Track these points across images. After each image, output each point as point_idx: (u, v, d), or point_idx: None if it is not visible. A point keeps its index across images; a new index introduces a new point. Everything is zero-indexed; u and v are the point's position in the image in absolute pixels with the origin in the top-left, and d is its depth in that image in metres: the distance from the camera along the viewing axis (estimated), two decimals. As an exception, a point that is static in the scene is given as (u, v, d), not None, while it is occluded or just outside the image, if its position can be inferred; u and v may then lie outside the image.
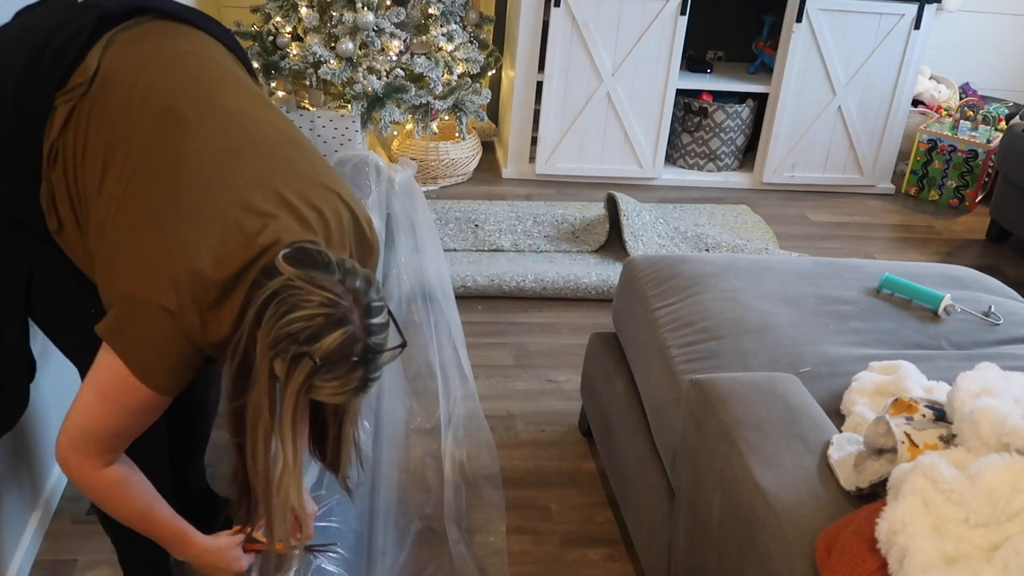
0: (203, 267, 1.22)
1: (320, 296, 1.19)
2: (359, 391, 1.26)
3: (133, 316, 1.23)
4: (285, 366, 1.20)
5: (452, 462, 2.16)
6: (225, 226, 1.25)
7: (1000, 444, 1.18)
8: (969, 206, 4.06)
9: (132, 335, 1.24)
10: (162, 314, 1.22)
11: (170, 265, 1.22)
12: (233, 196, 1.27)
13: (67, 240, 1.37)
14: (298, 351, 1.19)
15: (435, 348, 2.48)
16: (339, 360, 1.20)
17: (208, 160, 1.29)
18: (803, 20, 3.74)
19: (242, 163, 1.31)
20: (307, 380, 1.21)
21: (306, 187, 1.34)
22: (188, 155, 1.28)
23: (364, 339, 1.22)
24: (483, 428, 2.28)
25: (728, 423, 1.46)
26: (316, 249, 1.24)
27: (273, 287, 1.19)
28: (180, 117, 1.30)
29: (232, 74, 1.44)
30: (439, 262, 2.76)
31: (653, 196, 3.86)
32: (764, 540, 1.29)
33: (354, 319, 1.21)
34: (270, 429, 1.25)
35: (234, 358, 1.24)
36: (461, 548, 1.94)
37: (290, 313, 1.18)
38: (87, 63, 1.33)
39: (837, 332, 1.80)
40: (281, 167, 1.34)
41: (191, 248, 1.22)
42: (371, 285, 1.25)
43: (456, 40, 3.54)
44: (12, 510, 1.76)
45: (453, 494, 2.07)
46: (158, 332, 1.23)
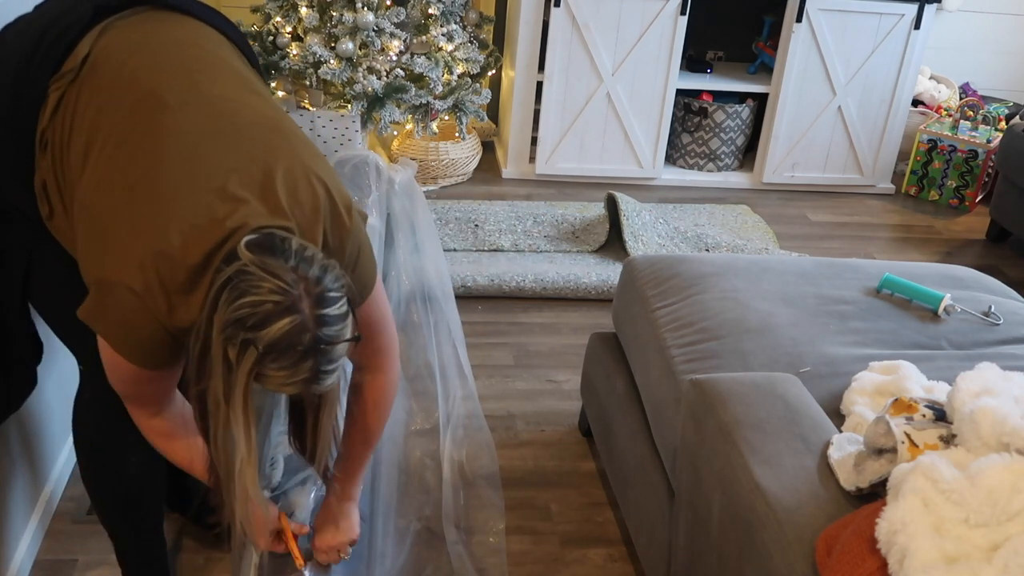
0: (171, 250, 1.22)
1: (270, 283, 1.18)
2: (311, 383, 1.24)
3: (106, 298, 1.24)
4: (236, 352, 1.20)
5: (451, 463, 2.16)
6: (196, 210, 1.25)
7: (1000, 444, 1.18)
8: (969, 206, 4.06)
9: (106, 316, 1.26)
10: (130, 296, 1.22)
11: (138, 248, 1.23)
12: (206, 181, 1.27)
13: (57, 226, 1.38)
14: (245, 337, 1.18)
15: (434, 348, 2.48)
16: (286, 349, 1.19)
17: (184, 144, 1.29)
18: (803, 20, 3.74)
19: (218, 147, 1.31)
20: (254, 367, 1.20)
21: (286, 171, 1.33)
22: (164, 138, 1.28)
23: (314, 329, 1.20)
24: (483, 428, 2.28)
25: (728, 423, 1.46)
26: (280, 236, 1.24)
27: (228, 272, 1.19)
28: (160, 100, 1.31)
29: (224, 62, 1.45)
30: (439, 262, 2.76)
31: (653, 196, 3.86)
32: (764, 540, 1.29)
33: (303, 308, 1.19)
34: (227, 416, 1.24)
35: (195, 342, 1.23)
36: (459, 549, 1.94)
37: (240, 298, 1.18)
38: (78, 50, 1.35)
39: (837, 332, 1.80)
40: (261, 151, 1.33)
41: (160, 231, 1.23)
42: (327, 273, 1.23)
43: (456, 40, 3.54)
44: (12, 510, 1.76)
45: (452, 495, 2.07)
46: (128, 313, 1.24)
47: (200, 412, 1.29)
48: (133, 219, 1.24)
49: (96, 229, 1.27)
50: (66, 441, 2.05)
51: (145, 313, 1.24)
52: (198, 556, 1.89)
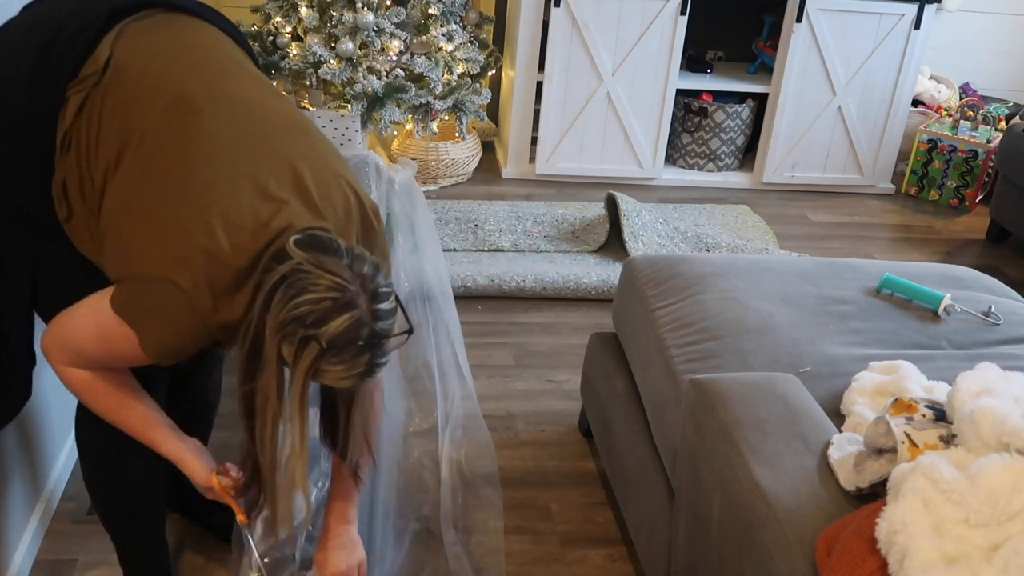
0: (219, 250, 1.24)
1: (328, 280, 1.21)
2: (365, 376, 1.27)
3: (147, 292, 1.26)
4: (293, 349, 1.22)
5: (449, 463, 2.16)
6: (240, 211, 1.27)
7: (1000, 444, 1.18)
8: (969, 206, 4.06)
9: (144, 309, 1.27)
10: (177, 292, 1.24)
11: (186, 246, 1.24)
12: (247, 182, 1.29)
13: (75, 227, 1.38)
14: (305, 334, 1.21)
15: (433, 349, 2.48)
16: (345, 344, 1.22)
17: (220, 146, 1.31)
18: (803, 20, 3.74)
19: (253, 150, 1.33)
20: (314, 364, 1.23)
21: (316, 174, 1.36)
22: (201, 141, 1.30)
23: (371, 324, 1.24)
24: (482, 428, 2.28)
25: (728, 423, 1.46)
26: (326, 235, 1.27)
27: (282, 271, 1.22)
28: (191, 105, 1.32)
29: (239, 64, 1.47)
30: (438, 262, 2.76)
31: (653, 196, 3.86)
32: (764, 540, 1.29)
33: (361, 304, 1.23)
34: (278, 413, 1.27)
35: (245, 341, 1.26)
36: (458, 549, 1.94)
37: (298, 296, 1.21)
38: (98, 53, 1.35)
39: (837, 332, 1.80)
40: (291, 154, 1.35)
41: (207, 231, 1.24)
42: (379, 271, 1.27)
43: (456, 40, 3.54)
44: (12, 510, 1.76)
45: (450, 495, 2.07)
46: (171, 310, 1.26)
47: (247, 411, 1.31)
48: (178, 218, 1.26)
49: (135, 229, 1.28)
50: (66, 441, 2.05)
51: (190, 310, 1.25)
52: (199, 556, 1.89)
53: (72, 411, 1.60)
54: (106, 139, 1.32)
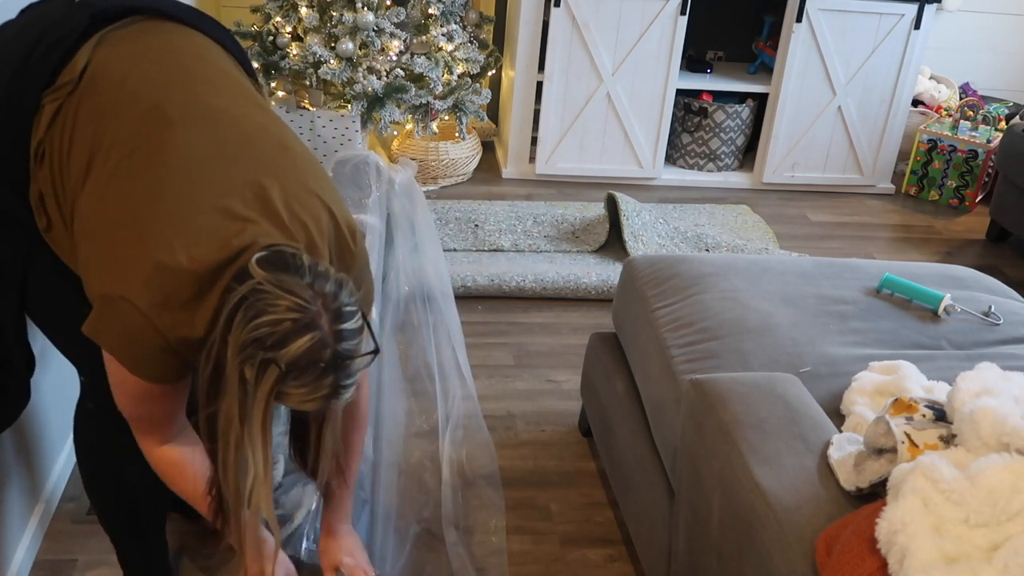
0: (176, 267, 1.21)
1: (288, 301, 1.17)
2: (330, 398, 1.23)
3: (110, 312, 1.23)
4: (254, 372, 1.18)
5: (450, 464, 2.16)
6: (201, 227, 1.24)
7: (1000, 444, 1.18)
8: (969, 206, 4.06)
9: (111, 331, 1.24)
10: (133, 311, 1.21)
11: (143, 262, 1.21)
12: (213, 198, 1.26)
13: (56, 239, 1.37)
14: (265, 357, 1.17)
15: (433, 349, 2.48)
16: (307, 366, 1.18)
17: (190, 160, 1.28)
18: (803, 20, 3.74)
19: (224, 164, 1.30)
20: (275, 386, 1.19)
21: (288, 191, 1.32)
22: (170, 153, 1.27)
23: (333, 345, 1.19)
24: (482, 428, 2.28)
25: (728, 423, 1.46)
26: (290, 252, 1.23)
27: (242, 291, 1.18)
28: (165, 115, 1.30)
29: (225, 73, 1.44)
30: (438, 262, 2.76)
31: (653, 196, 3.86)
32: (764, 540, 1.29)
33: (323, 324, 1.19)
34: (240, 437, 1.23)
35: (207, 363, 1.22)
36: (459, 550, 1.94)
37: (257, 318, 1.17)
38: (75, 61, 1.33)
39: (837, 332, 1.80)
40: (264, 170, 1.32)
41: (166, 247, 1.21)
42: (342, 289, 1.23)
43: (456, 40, 3.54)
44: (12, 510, 1.76)
45: (451, 496, 2.07)
46: (132, 328, 1.23)
47: (209, 434, 1.27)
48: (138, 234, 1.23)
49: (99, 243, 1.26)
50: (66, 441, 2.05)
51: (150, 328, 1.23)
52: (199, 558, 1.89)
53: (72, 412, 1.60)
54: (78, 147, 1.29)
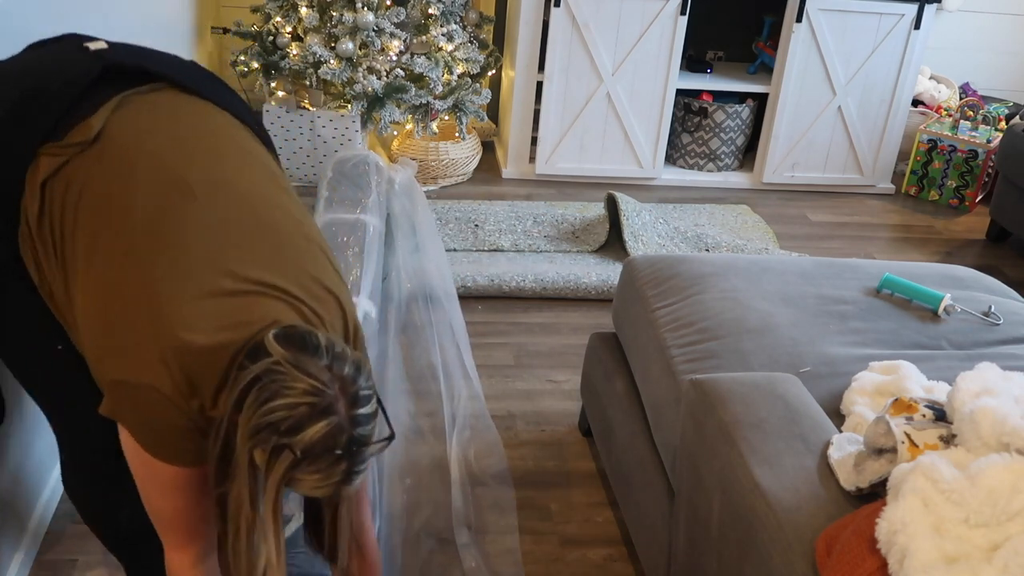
0: (196, 347, 1.16)
1: (305, 383, 1.12)
2: (343, 484, 1.18)
3: (129, 399, 1.18)
4: (266, 456, 1.13)
5: (459, 464, 2.16)
6: (222, 308, 1.19)
7: (1000, 444, 1.18)
8: (969, 206, 4.06)
9: (133, 417, 1.19)
10: (157, 395, 1.16)
11: (160, 343, 1.16)
12: (232, 279, 1.21)
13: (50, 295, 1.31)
14: (279, 442, 1.11)
15: (437, 349, 2.48)
16: (322, 452, 1.13)
17: (210, 239, 1.23)
18: (803, 20, 3.74)
19: (245, 246, 1.25)
20: (287, 473, 1.14)
21: (308, 283, 1.28)
22: (189, 230, 1.22)
23: (349, 430, 1.14)
24: (490, 428, 2.28)
25: (728, 423, 1.46)
26: (307, 331, 1.18)
27: (255, 370, 1.13)
28: (186, 191, 1.25)
29: (249, 153, 1.39)
30: (440, 262, 2.76)
31: (653, 196, 3.86)
32: (764, 540, 1.29)
33: (340, 409, 1.13)
34: (252, 522, 1.18)
35: (216, 443, 1.17)
36: (472, 551, 1.93)
37: (271, 400, 1.11)
38: (91, 121, 1.27)
39: (837, 332, 1.80)
40: (287, 257, 1.28)
41: (185, 327, 1.16)
42: (360, 372, 1.18)
43: (456, 40, 3.54)
44: (12, 510, 1.76)
45: (461, 497, 2.07)
46: (155, 413, 1.17)
47: (220, 515, 1.22)
48: (155, 314, 1.17)
49: (111, 323, 1.20)
50: (66, 441, 2.05)
51: (173, 411, 1.17)
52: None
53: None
54: (87, 211, 1.23)
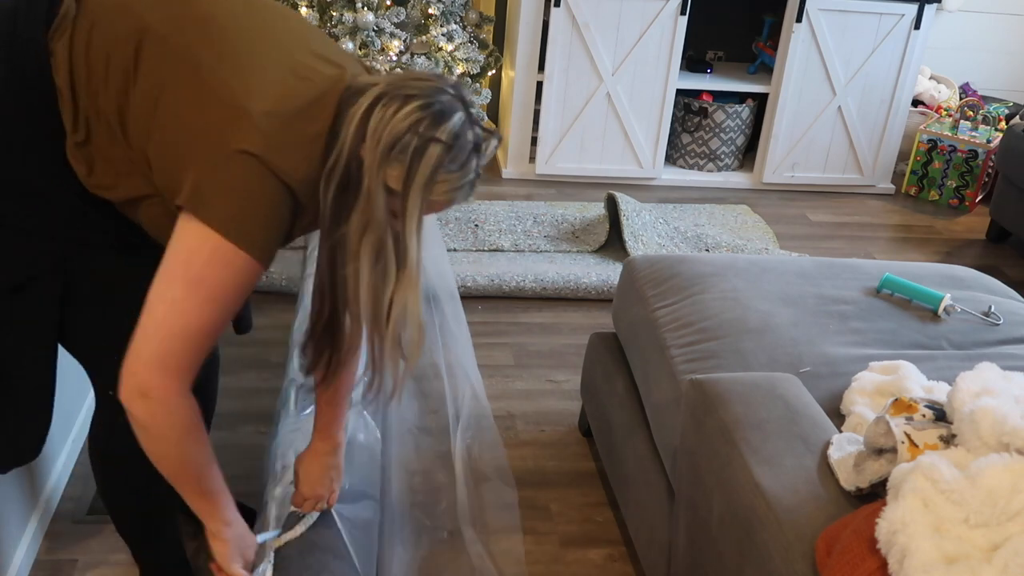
0: (272, 104, 1.16)
1: (428, 85, 1.16)
2: (472, 187, 1.21)
3: (218, 174, 1.15)
4: (404, 168, 1.14)
5: (463, 463, 2.15)
6: (282, 67, 1.21)
7: (1000, 444, 1.18)
8: (969, 206, 4.06)
9: (221, 195, 1.15)
10: (248, 160, 1.14)
11: (242, 111, 1.15)
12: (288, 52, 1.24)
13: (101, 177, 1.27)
14: (420, 143, 1.13)
15: (440, 349, 2.48)
16: (463, 145, 1.16)
17: (244, 22, 1.24)
18: (803, 20, 3.74)
19: (277, 27, 1.28)
20: (433, 172, 1.15)
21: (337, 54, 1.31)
22: (220, 19, 1.22)
23: (472, 126, 1.19)
24: (492, 428, 2.28)
25: (728, 423, 1.46)
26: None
27: (373, 93, 1.16)
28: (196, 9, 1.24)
29: None
30: (442, 262, 2.76)
31: (653, 196, 3.86)
32: (764, 540, 1.29)
33: (459, 106, 1.18)
34: (382, 243, 1.18)
35: (329, 187, 1.17)
36: (478, 548, 1.93)
37: (404, 107, 1.14)
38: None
39: (837, 332, 1.80)
40: (310, 36, 1.30)
41: (258, 90, 1.17)
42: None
43: (456, 40, 3.54)
44: (12, 510, 1.76)
45: (466, 495, 2.07)
46: (248, 182, 1.15)
47: (330, 263, 1.23)
48: (227, 90, 1.16)
49: (182, 120, 1.17)
50: (66, 440, 2.05)
51: (267, 175, 1.15)
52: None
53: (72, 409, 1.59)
54: (115, 49, 1.20)
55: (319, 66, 1.24)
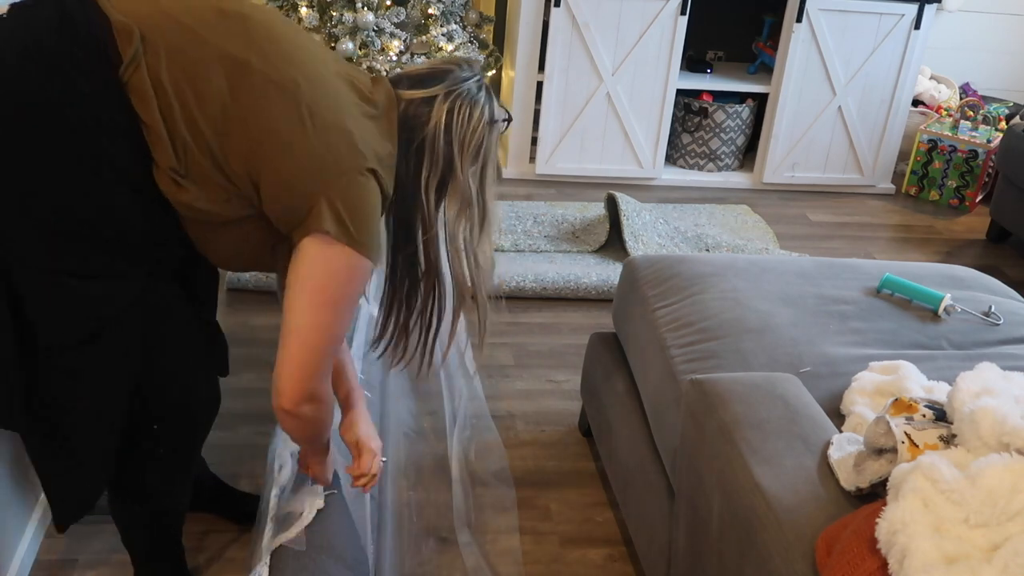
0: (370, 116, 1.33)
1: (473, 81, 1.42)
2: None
3: (351, 196, 1.27)
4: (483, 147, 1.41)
5: (459, 463, 2.15)
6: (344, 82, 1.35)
7: (1000, 444, 1.18)
8: (969, 206, 4.06)
9: (357, 216, 1.27)
10: (368, 177, 1.29)
11: (350, 132, 1.28)
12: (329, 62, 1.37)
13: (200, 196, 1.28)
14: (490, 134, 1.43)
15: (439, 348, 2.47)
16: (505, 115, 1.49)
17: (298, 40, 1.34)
18: (803, 20, 3.74)
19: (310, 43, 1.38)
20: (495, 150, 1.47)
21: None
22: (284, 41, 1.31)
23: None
24: (491, 428, 2.28)
25: (728, 423, 1.46)
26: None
27: (449, 102, 1.39)
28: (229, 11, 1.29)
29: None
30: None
31: (653, 196, 3.86)
32: (764, 540, 1.29)
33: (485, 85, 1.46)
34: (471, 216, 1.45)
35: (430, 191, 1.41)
36: (473, 550, 1.93)
37: (474, 112, 1.40)
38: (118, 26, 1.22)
39: (837, 332, 1.80)
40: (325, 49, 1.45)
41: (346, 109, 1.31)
42: None
43: (456, 40, 3.54)
44: (12, 510, 1.76)
45: (462, 496, 2.07)
46: (374, 197, 1.30)
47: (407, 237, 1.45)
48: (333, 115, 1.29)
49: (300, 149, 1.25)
50: (66, 441, 2.05)
51: (378, 189, 1.31)
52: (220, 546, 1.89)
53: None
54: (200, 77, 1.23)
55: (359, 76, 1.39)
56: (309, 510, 1.61)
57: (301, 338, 1.29)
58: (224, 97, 1.23)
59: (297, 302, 1.28)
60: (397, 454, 2.14)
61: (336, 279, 1.28)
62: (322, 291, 1.28)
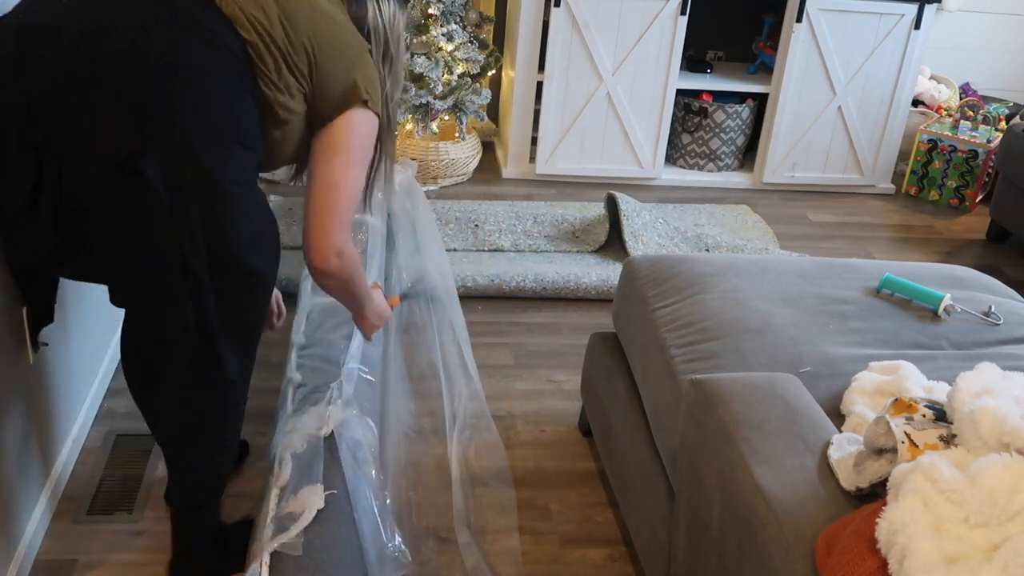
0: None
1: None
2: None
3: (366, 67, 1.57)
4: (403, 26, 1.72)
5: (459, 463, 2.15)
6: None
7: (1000, 444, 1.18)
8: (969, 206, 4.06)
9: (369, 83, 1.56)
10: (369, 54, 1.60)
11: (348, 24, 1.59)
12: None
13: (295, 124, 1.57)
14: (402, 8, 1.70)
15: (439, 349, 2.48)
16: None
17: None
18: (803, 20, 3.74)
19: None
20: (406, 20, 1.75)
21: None
22: None
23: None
24: (491, 428, 2.27)
25: (728, 423, 1.46)
26: None
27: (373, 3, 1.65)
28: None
29: None
30: (441, 262, 2.76)
31: (653, 196, 3.87)
32: (764, 540, 1.29)
33: None
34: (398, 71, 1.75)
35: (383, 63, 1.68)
36: (473, 550, 1.93)
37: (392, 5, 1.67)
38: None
39: (837, 332, 1.80)
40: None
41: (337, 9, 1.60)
42: None
43: (456, 40, 3.54)
44: (12, 510, 1.76)
45: (462, 496, 2.07)
46: (374, 69, 1.61)
47: None
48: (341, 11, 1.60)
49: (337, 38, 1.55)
50: (67, 440, 2.05)
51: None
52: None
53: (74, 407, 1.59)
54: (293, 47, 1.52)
55: None
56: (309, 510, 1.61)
57: (338, 192, 1.54)
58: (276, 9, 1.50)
59: (331, 165, 1.55)
60: (397, 454, 2.14)
61: (365, 139, 1.58)
62: (357, 151, 1.57)
